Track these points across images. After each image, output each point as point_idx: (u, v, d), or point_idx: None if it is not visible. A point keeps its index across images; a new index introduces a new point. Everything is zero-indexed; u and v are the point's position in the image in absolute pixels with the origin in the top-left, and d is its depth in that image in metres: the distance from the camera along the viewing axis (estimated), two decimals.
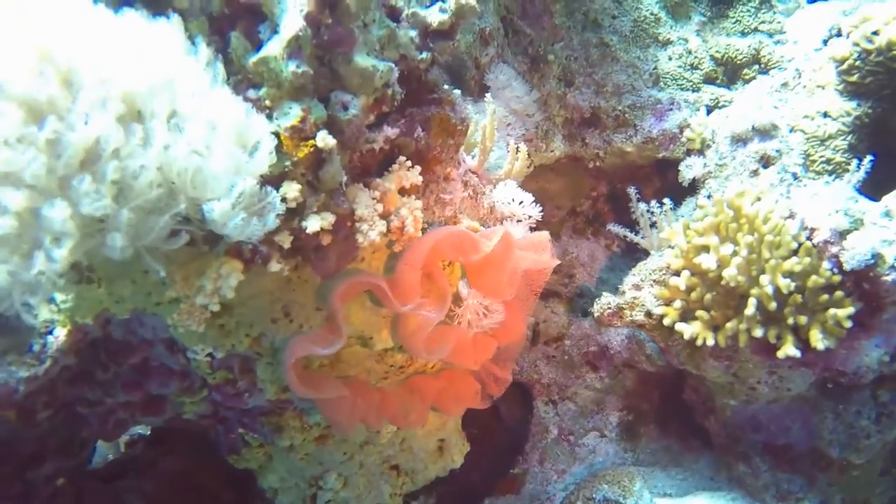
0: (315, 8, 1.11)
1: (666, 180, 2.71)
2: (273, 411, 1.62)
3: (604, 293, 2.20)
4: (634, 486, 2.37)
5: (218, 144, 1.01)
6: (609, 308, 2.18)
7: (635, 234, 2.34)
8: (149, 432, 2.63)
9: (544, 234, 1.62)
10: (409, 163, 1.37)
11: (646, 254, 2.37)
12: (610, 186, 2.91)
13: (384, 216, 1.32)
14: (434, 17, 1.30)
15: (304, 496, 1.83)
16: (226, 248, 1.17)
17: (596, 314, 2.22)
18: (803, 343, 1.93)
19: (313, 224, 1.17)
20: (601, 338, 2.83)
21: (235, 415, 1.68)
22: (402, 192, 1.38)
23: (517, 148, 1.64)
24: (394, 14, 1.32)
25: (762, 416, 2.38)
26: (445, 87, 1.49)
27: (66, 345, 1.31)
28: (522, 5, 2.55)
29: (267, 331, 1.36)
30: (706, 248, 1.99)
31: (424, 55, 1.32)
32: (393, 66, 1.25)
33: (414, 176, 1.36)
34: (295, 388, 1.34)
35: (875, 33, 2.07)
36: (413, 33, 1.30)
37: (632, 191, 2.29)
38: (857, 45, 2.11)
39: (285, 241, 1.20)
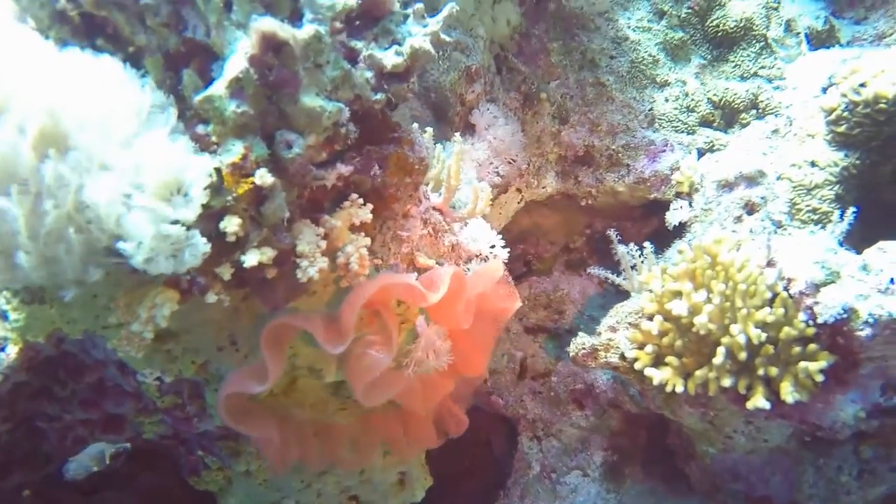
0: (259, 51, 1.15)
1: (657, 221, 2.70)
2: (229, 436, 1.65)
3: (580, 333, 2.20)
4: None
5: (140, 194, 1.04)
6: (584, 349, 2.17)
7: (617, 276, 2.34)
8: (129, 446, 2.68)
9: (497, 264, 1.63)
10: (360, 200, 1.39)
11: (628, 296, 2.36)
12: (604, 225, 2.91)
13: (330, 252, 1.35)
14: (389, 59, 1.33)
15: None
16: (164, 279, 1.20)
17: (571, 354, 2.21)
18: (775, 395, 1.90)
19: (251, 258, 1.20)
20: (588, 376, 2.81)
21: (195, 437, 1.71)
22: (354, 229, 1.40)
23: (479, 188, 1.66)
24: (352, 56, 1.35)
25: (742, 466, 2.34)
26: (412, 126, 1.52)
27: (17, 362, 1.36)
28: (518, 44, 2.58)
29: (213, 358, 1.39)
30: (680, 294, 1.98)
31: (379, 96, 1.35)
32: (343, 106, 1.28)
33: (364, 213, 1.38)
34: (225, 420, 1.36)
35: (862, 85, 2.06)
36: (369, 74, 1.33)
37: (612, 233, 2.28)
38: (845, 96, 2.10)
39: (225, 272, 1.23)
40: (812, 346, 1.87)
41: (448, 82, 2.11)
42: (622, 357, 2.13)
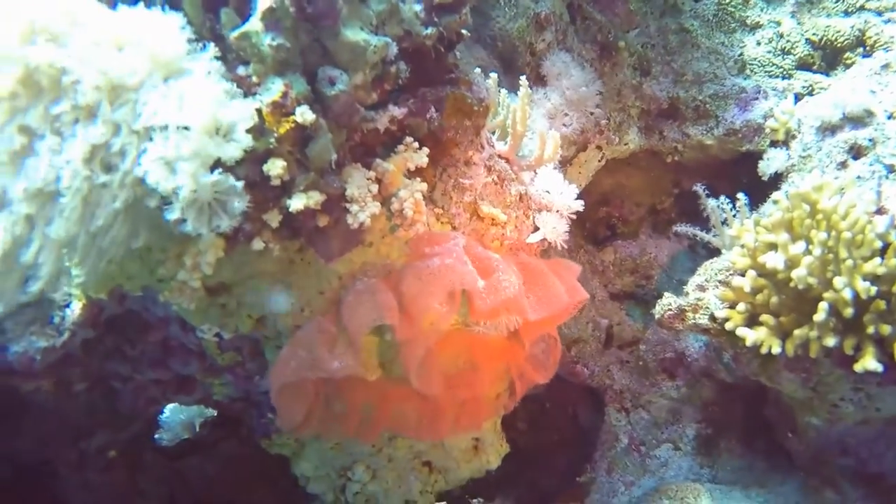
0: None
1: (750, 175, 2.49)
2: None
3: (665, 293, 2.05)
4: (700, 503, 2.19)
5: (185, 140, 1.00)
6: (670, 310, 2.02)
7: (707, 234, 2.17)
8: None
9: (575, 268, 1.52)
10: (416, 144, 1.32)
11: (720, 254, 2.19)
12: (692, 183, 2.72)
13: (385, 199, 1.28)
14: None
15: (335, 486, 1.82)
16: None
17: (657, 316, 2.06)
18: (888, 357, 1.70)
19: (297, 202, 1.15)
20: (678, 344, 2.65)
21: (265, 399, 1.69)
22: (410, 175, 1.33)
23: (546, 133, 1.55)
24: None
25: (850, 439, 2.13)
26: (470, 68, 1.44)
27: (82, 318, 1.37)
28: None
29: (269, 313, 1.36)
30: (775, 246, 1.80)
31: (430, 30, 1.27)
32: (389, 41, 1.21)
33: (420, 158, 1.31)
34: (275, 402, 1.32)
35: None
36: (418, 7, 1.25)
37: (699, 187, 2.12)
38: None
39: (273, 219, 1.18)
40: None
41: (515, 30, 2.00)
42: (712, 318, 1.97)
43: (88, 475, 1.88)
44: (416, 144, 1.32)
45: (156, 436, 2.52)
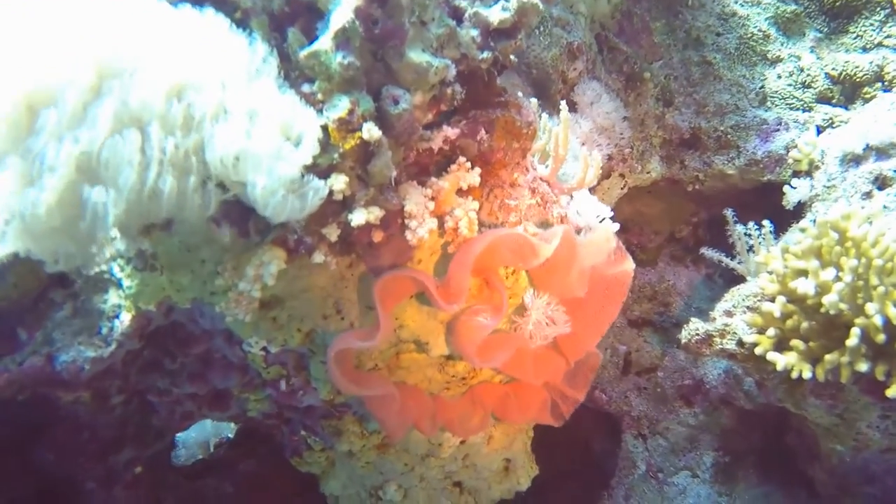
0: (364, 2, 1.12)
1: (770, 206, 2.53)
2: (332, 414, 1.62)
3: (693, 319, 2.07)
4: None
5: (260, 131, 1.03)
6: (698, 335, 2.04)
7: (731, 259, 2.20)
8: (233, 435, 2.72)
9: (607, 231, 1.54)
10: (468, 164, 1.35)
11: (744, 281, 2.21)
12: (711, 213, 2.75)
13: (439, 216, 1.30)
14: (496, 15, 1.28)
15: None
16: (272, 238, 1.18)
17: (683, 341, 2.08)
18: None
19: (359, 217, 1.17)
20: (696, 371, 2.66)
21: (298, 416, 1.70)
22: (461, 194, 1.35)
23: (588, 156, 1.58)
24: (456, 14, 1.31)
25: (875, 466, 2.14)
26: (517, 92, 1.47)
27: (131, 329, 1.37)
28: (619, 23, 2.49)
29: (318, 327, 1.37)
30: (805, 273, 1.83)
31: (486, 54, 1.30)
32: (449, 63, 1.24)
33: (472, 177, 1.33)
34: (336, 381, 1.33)
35: None
36: (475, 32, 1.29)
37: (728, 212, 2.15)
38: None
39: (332, 233, 1.20)
40: None
41: (549, 58, 2.04)
42: (740, 343, 1.98)
43: (115, 491, 1.87)
44: (469, 164, 1.34)
45: (173, 453, 2.52)
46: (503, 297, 1.39)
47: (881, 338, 1.70)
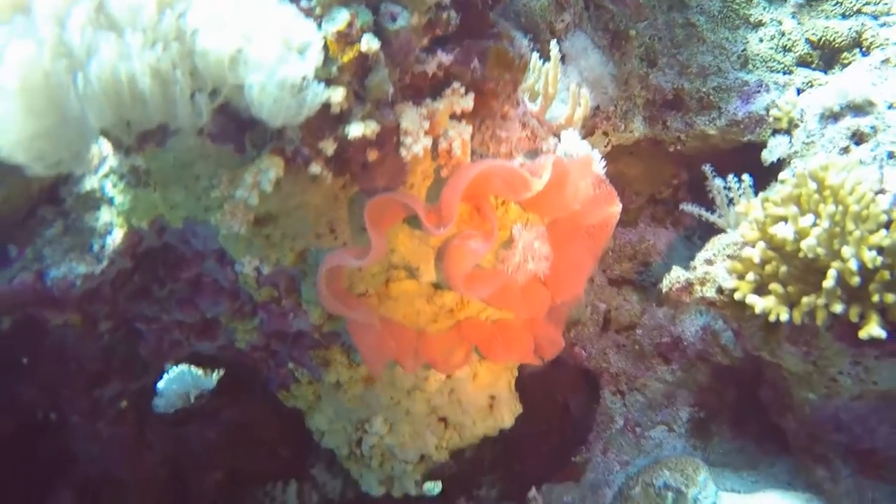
0: None
1: (750, 166, 2.58)
2: (320, 344, 1.64)
3: (674, 267, 2.12)
4: (699, 477, 2.25)
5: (262, 36, 1.04)
6: (678, 283, 2.09)
7: (711, 214, 2.24)
8: (215, 384, 2.73)
9: (590, 155, 1.57)
10: (462, 90, 1.37)
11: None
12: (691, 174, 2.80)
13: (433, 138, 1.32)
14: None
15: (350, 440, 1.84)
16: (270, 149, 1.20)
17: (664, 289, 2.13)
18: (890, 326, 1.78)
19: (355, 130, 1.19)
20: (675, 328, 2.71)
21: (286, 348, 1.71)
22: (454, 118, 1.37)
23: (578, 93, 1.61)
24: None
25: (845, 414, 2.20)
26: (509, 26, 1.49)
27: (122, 246, 1.37)
28: None
29: (311, 246, 1.38)
30: (784, 220, 1.88)
31: None
32: None
33: (466, 102, 1.36)
34: (323, 297, 1.35)
35: None
36: None
37: (707, 168, 2.19)
38: None
39: (328, 147, 1.22)
40: None
41: (538, 8, 2.07)
42: (719, 290, 2.04)
43: (99, 426, 1.87)
44: (463, 90, 1.36)
45: (153, 402, 2.51)
46: (493, 223, 1.42)
47: (856, 280, 1.76)
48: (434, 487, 2.98)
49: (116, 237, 1.37)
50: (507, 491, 2.67)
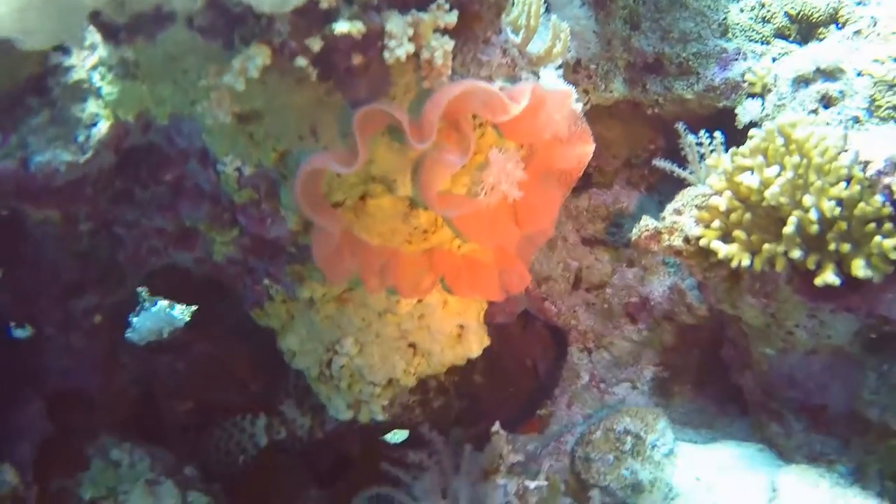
0: None
1: (724, 132, 2.65)
2: (296, 259, 1.68)
3: (644, 216, 2.18)
4: (658, 424, 2.32)
5: None
6: (647, 231, 2.15)
7: (683, 171, 2.31)
8: (188, 318, 2.76)
9: (568, 89, 1.63)
10: (447, 6, 1.41)
11: None
12: (668, 139, 2.87)
13: (415, 47, 1.36)
14: None
15: (321, 360, 1.87)
16: (258, 40, 1.23)
17: (633, 237, 2.20)
18: (845, 276, 1.86)
19: (342, 26, 1.22)
20: (643, 289, 2.79)
21: (262, 264, 1.75)
22: (438, 33, 1.41)
23: (559, 27, 1.66)
24: None
25: (799, 371, 2.29)
26: None
27: (108, 138, 1.40)
28: None
29: (293, 147, 1.42)
30: (750, 170, 1.95)
31: None
32: None
33: (451, 17, 1.39)
34: (298, 196, 1.38)
35: None
36: None
37: (680, 125, 2.26)
38: None
39: (315, 44, 1.25)
40: (888, 226, 1.82)
41: None
42: (686, 240, 2.11)
43: (72, 338, 1.90)
44: (448, 6, 1.40)
45: (126, 334, 2.54)
46: (471, 138, 1.47)
47: (814, 229, 1.84)
48: (396, 436, 3.05)
49: (102, 128, 1.40)
50: (472, 442, 2.73)
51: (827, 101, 2.18)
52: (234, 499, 2.38)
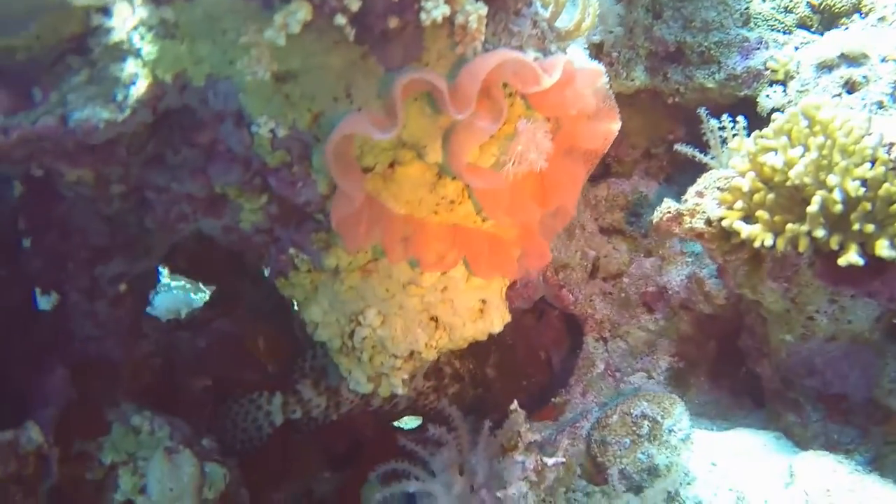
0: None
1: (746, 119, 2.67)
2: (324, 226, 1.69)
3: (665, 199, 2.19)
4: (675, 409, 2.32)
5: None
6: (669, 213, 2.16)
7: (705, 156, 2.32)
8: (208, 297, 2.78)
9: (601, 68, 1.64)
10: None
11: None
12: (688, 129, 2.88)
13: (451, 11, 1.38)
14: None
15: (343, 332, 1.88)
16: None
17: (654, 220, 2.20)
18: (868, 258, 1.86)
19: None
20: (660, 278, 2.79)
21: (289, 233, 1.76)
22: None
23: (587, 1, 1.68)
24: None
25: (818, 358, 2.28)
26: None
27: (146, 97, 1.42)
28: None
29: (327, 109, 1.44)
30: (774, 150, 1.95)
31: None
32: None
33: None
34: (329, 155, 1.39)
35: None
36: None
37: (702, 110, 2.27)
38: None
39: (353, 4, 1.27)
40: None
41: None
42: (708, 222, 2.11)
43: (97, 305, 1.92)
44: None
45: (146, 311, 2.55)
46: (503, 105, 1.48)
47: (838, 208, 1.84)
48: (409, 423, 3.06)
49: (140, 87, 1.41)
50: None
51: (851, 87, 2.18)
52: (249, 476, 2.39)
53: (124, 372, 2.02)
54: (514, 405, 2.13)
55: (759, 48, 2.57)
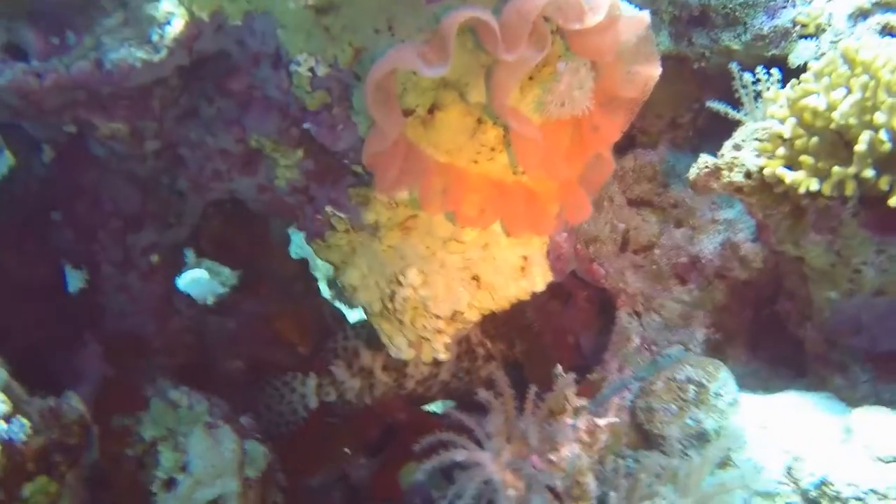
0: None
1: None
2: (361, 181, 1.65)
3: (701, 154, 2.14)
4: (719, 373, 2.25)
5: None
6: (706, 168, 2.11)
7: (737, 112, 2.28)
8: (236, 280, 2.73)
9: (647, 15, 1.60)
10: None
11: None
12: (713, 97, 2.84)
13: None
14: None
15: (383, 294, 1.83)
16: None
17: (692, 177, 2.15)
18: None
19: None
20: (692, 248, 2.73)
21: (325, 191, 1.72)
22: None
23: None
24: None
25: (865, 315, 2.22)
26: None
27: (182, 36, 1.38)
28: None
29: (369, 44, 1.40)
30: (815, 94, 1.91)
31: None
32: None
33: None
34: (370, 88, 1.34)
35: None
36: None
37: (733, 65, 2.23)
38: None
39: None
40: None
41: None
42: (747, 174, 2.06)
43: (130, 278, 1.87)
44: None
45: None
46: (547, 36, 1.44)
47: (886, 147, 1.79)
48: (441, 407, 2.99)
49: (176, 26, 1.38)
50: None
51: (889, 31, 2.14)
52: (286, 459, 2.33)
53: (159, 347, 1.97)
54: (559, 369, 2.06)
55: (785, 6, 2.53)
